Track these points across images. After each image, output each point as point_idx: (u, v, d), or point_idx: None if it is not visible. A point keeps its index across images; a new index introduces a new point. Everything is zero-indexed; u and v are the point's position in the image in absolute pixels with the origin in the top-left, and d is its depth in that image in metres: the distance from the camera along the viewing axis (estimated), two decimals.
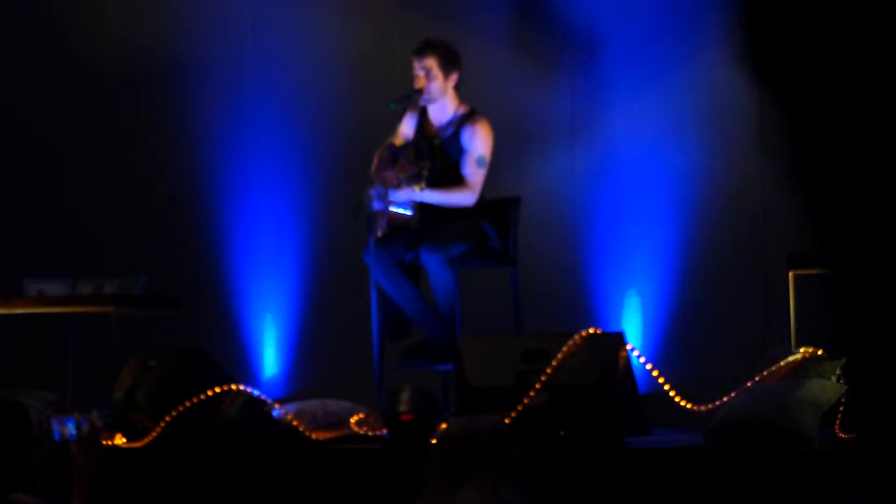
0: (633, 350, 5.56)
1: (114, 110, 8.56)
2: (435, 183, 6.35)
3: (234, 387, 6.02)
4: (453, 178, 6.38)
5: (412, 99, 6.43)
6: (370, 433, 5.81)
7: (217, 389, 6.00)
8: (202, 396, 5.98)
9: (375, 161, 6.44)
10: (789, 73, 2.00)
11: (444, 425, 4.22)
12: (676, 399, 5.46)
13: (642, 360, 5.61)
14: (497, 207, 6.56)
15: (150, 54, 8.49)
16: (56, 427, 4.24)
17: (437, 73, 6.39)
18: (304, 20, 8.13)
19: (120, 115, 8.54)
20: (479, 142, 6.38)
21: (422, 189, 6.13)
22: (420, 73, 6.40)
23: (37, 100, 8.78)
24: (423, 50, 6.41)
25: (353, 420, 5.93)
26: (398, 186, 6.20)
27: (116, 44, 8.60)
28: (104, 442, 5.61)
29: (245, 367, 7.95)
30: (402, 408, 5.49)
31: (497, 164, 6.73)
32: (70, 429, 4.26)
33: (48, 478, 4.15)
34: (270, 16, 8.21)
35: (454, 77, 6.44)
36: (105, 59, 8.59)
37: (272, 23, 8.20)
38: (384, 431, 5.60)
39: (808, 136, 2.02)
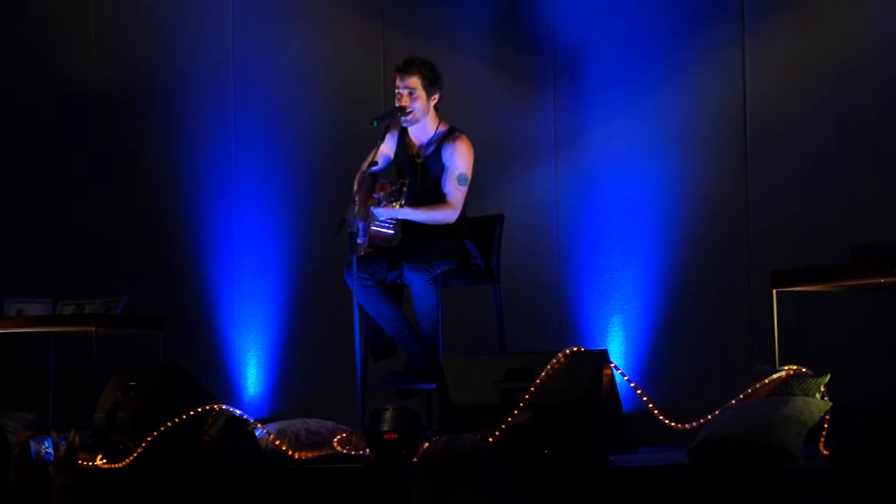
0: (616, 368, 5.54)
1: (95, 130, 8.55)
2: (418, 201, 6.35)
3: (215, 407, 5.99)
4: (435, 196, 6.38)
5: (394, 116, 6.42)
6: (353, 452, 5.78)
7: (199, 410, 5.97)
8: (184, 417, 5.95)
9: (357, 181, 6.43)
10: None
11: (426, 444, 4.20)
12: (660, 417, 5.44)
13: (626, 378, 5.59)
14: (480, 226, 6.55)
15: (132, 75, 8.48)
16: (33, 447, 4.20)
17: (420, 92, 6.39)
18: (286, 38, 8.13)
19: (102, 134, 8.53)
20: (459, 159, 6.38)
21: (402, 206, 6.12)
22: (403, 92, 6.39)
23: (18, 120, 8.77)
24: (407, 69, 6.39)
25: (335, 439, 5.90)
26: (378, 204, 6.20)
27: (98, 65, 8.59)
28: (82, 462, 5.58)
29: (227, 387, 7.93)
30: (386, 427, 5.47)
31: (480, 183, 6.72)
32: (47, 448, 4.23)
33: (26, 498, 4.11)
34: (251, 33, 8.20)
35: (436, 97, 6.44)
36: (87, 80, 8.58)
37: (253, 41, 8.20)
38: (367, 451, 5.58)
39: None
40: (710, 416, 5.27)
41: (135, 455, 5.97)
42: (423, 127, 6.47)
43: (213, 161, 8.25)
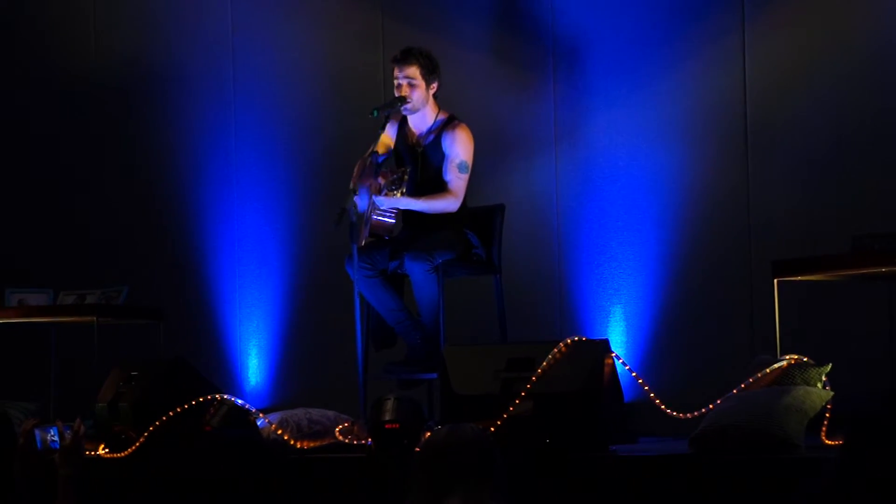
0: (617, 358, 5.54)
1: (96, 123, 8.54)
2: (418, 190, 6.35)
3: (217, 396, 5.99)
4: (436, 184, 6.38)
5: (394, 107, 6.42)
6: (355, 442, 5.79)
7: (200, 399, 5.98)
8: (185, 406, 5.96)
9: (357, 170, 6.43)
10: None
11: (428, 434, 4.20)
12: (661, 407, 5.45)
13: (627, 367, 5.59)
14: (481, 216, 6.55)
15: (132, 68, 8.47)
16: (39, 436, 4.21)
17: (419, 81, 6.39)
18: (285, 30, 8.12)
19: (102, 127, 8.53)
20: (459, 147, 6.38)
21: (402, 194, 6.13)
22: (402, 82, 6.39)
23: (16, 113, 8.76)
24: (405, 59, 6.39)
25: (337, 429, 5.91)
26: (380, 193, 6.20)
27: (98, 58, 8.58)
28: (87, 451, 5.59)
29: (228, 376, 7.93)
30: (387, 417, 5.47)
31: (481, 173, 6.72)
32: (53, 437, 4.23)
33: (31, 488, 4.12)
34: (251, 26, 8.20)
35: (435, 85, 6.44)
36: (87, 73, 8.57)
37: (253, 33, 8.19)
38: (369, 440, 5.58)
39: None
40: (711, 406, 5.27)
41: (137, 445, 5.98)
42: (423, 116, 6.47)
43: (214, 153, 8.25)
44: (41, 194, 8.63)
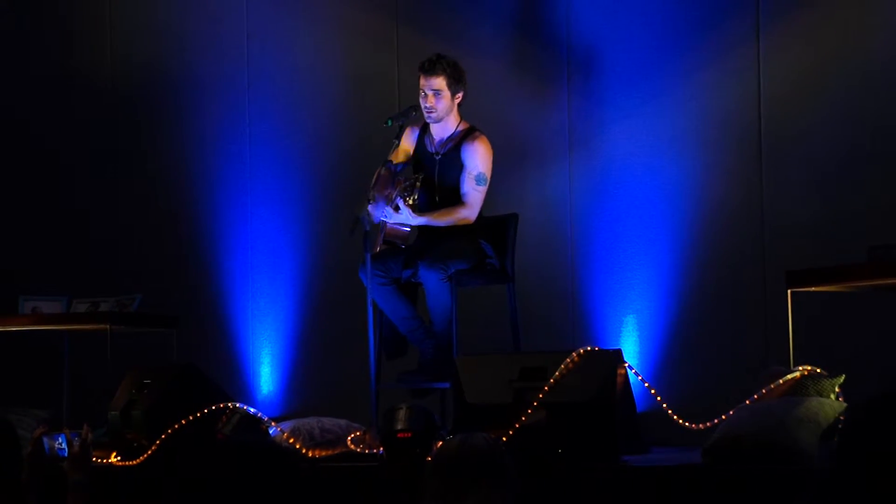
0: (630, 368, 5.53)
1: (111, 129, 8.55)
2: (433, 197, 6.34)
3: (229, 405, 5.99)
4: (452, 194, 6.38)
5: (409, 116, 6.42)
6: (367, 451, 5.79)
7: (213, 408, 5.98)
8: (198, 415, 5.96)
9: (375, 178, 6.42)
10: None
11: (440, 443, 4.20)
12: (674, 417, 5.44)
13: (640, 377, 5.58)
14: (495, 225, 6.55)
15: (148, 74, 8.49)
16: (46, 444, 4.21)
17: (445, 92, 6.37)
18: (300, 37, 8.13)
19: (117, 133, 8.54)
20: (478, 159, 6.37)
21: (415, 201, 6.12)
22: (429, 93, 6.37)
23: (34, 118, 8.78)
24: (432, 70, 6.36)
25: (349, 438, 5.91)
26: (393, 200, 6.19)
27: (113, 64, 8.59)
28: (96, 459, 5.59)
29: (241, 385, 7.93)
30: (399, 425, 5.47)
31: (495, 181, 6.72)
32: (60, 445, 4.24)
33: (41, 496, 4.12)
34: (267, 33, 8.20)
35: (460, 95, 6.43)
36: (103, 79, 8.59)
37: (268, 40, 8.19)
38: (381, 449, 5.58)
39: None
40: (724, 417, 5.26)
41: (149, 452, 5.98)
42: (444, 124, 6.46)
43: (228, 160, 8.25)
44: (54, 201, 8.65)
